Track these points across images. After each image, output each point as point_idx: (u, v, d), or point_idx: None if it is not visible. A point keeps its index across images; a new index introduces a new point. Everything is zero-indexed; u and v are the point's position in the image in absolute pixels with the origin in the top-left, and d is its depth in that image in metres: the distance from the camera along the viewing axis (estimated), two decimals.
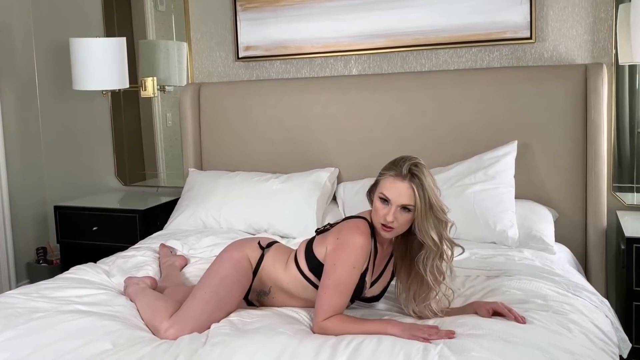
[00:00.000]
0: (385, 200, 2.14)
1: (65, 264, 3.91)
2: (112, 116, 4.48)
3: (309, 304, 2.32)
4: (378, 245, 2.26)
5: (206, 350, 1.95)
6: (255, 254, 2.38)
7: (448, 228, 2.19)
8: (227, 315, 2.25)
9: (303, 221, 3.35)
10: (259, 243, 2.42)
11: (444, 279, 2.20)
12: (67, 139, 4.65)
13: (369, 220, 2.23)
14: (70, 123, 4.61)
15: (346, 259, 2.15)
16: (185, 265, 2.97)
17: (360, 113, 3.60)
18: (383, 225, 2.15)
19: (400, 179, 2.12)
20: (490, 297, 2.34)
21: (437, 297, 2.22)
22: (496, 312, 2.13)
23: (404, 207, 2.13)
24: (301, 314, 2.27)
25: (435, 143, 3.45)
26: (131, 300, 2.45)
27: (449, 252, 2.21)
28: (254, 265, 2.36)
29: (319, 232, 2.35)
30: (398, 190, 2.12)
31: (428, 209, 2.12)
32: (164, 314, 2.22)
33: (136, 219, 3.91)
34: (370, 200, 2.24)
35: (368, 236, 2.19)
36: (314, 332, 2.12)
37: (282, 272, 2.34)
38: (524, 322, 2.06)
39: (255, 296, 2.40)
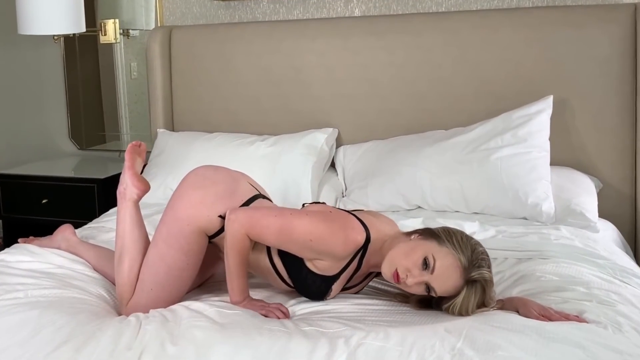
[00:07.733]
0: (427, 266, 2.05)
1: (9, 244, 3.87)
2: (65, 66, 4.50)
3: (262, 278, 2.41)
4: (364, 261, 2.22)
5: (179, 349, 1.92)
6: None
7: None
8: (191, 282, 2.39)
9: (295, 193, 3.34)
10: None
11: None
12: (11, 94, 4.65)
13: (370, 235, 2.18)
14: (15, 75, 4.63)
15: (315, 225, 2.16)
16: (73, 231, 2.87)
17: (364, 62, 3.58)
18: (397, 274, 2.07)
19: (462, 274, 2.03)
20: (522, 283, 2.33)
21: None
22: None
23: (430, 287, 2.06)
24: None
25: (454, 98, 3.45)
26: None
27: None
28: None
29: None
30: (447, 280, 2.04)
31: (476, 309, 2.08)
32: (124, 299, 2.35)
33: (94, 189, 3.91)
34: (409, 234, 2.17)
35: (351, 253, 2.17)
36: (227, 222, 2.21)
37: None
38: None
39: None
